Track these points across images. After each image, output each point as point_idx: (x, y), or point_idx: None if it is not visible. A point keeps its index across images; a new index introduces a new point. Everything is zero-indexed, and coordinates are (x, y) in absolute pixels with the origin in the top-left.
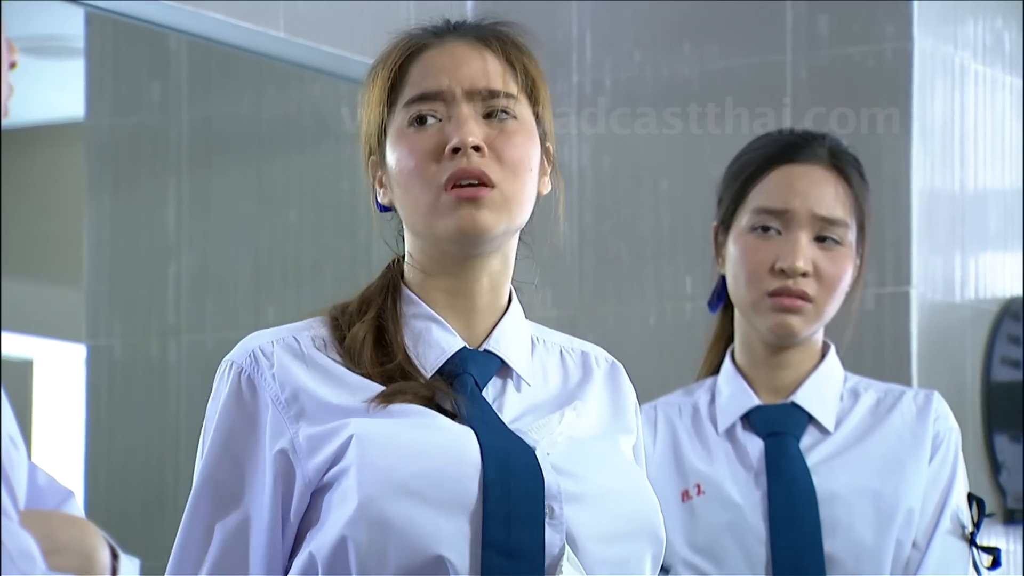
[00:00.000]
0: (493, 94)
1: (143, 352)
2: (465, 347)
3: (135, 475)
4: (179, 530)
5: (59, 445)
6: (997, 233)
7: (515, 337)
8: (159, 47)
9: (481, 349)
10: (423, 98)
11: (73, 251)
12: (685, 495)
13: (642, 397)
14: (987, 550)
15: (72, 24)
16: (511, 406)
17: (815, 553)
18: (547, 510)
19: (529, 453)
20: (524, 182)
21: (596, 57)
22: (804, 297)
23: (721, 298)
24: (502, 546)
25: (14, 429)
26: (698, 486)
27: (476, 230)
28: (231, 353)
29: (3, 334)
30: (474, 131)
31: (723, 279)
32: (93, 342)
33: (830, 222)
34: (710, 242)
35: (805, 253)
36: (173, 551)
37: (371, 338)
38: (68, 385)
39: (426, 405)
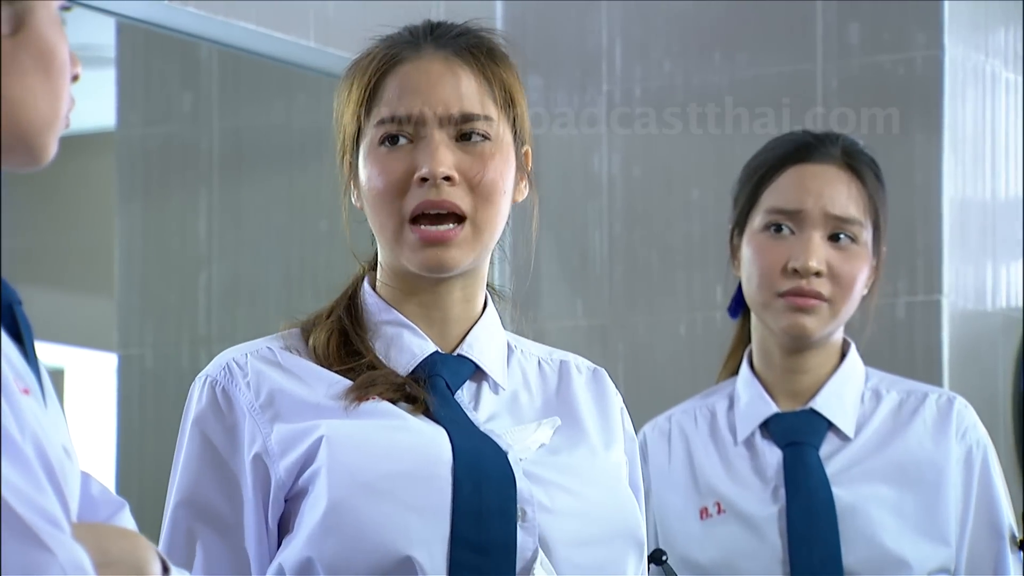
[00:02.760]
0: (468, 118)
1: (174, 361)
2: (437, 351)
3: (166, 484)
4: (159, 546)
5: (90, 454)
6: None
7: (489, 342)
8: (190, 57)
9: (454, 354)
10: (395, 119)
11: (104, 260)
12: (704, 512)
13: (671, 406)
14: None
15: (103, 34)
16: (486, 407)
17: (834, 568)
18: (519, 512)
19: (501, 455)
20: (498, 206)
21: (626, 66)
22: (818, 297)
23: (740, 303)
24: (472, 542)
25: (68, 439)
26: (718, 504)
27: (443, 268)
28: (205, 369)
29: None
30: (445, 160)
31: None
32: (124, 351)
33: (844, 221)
34: (726, 245)
35: (818, 253)
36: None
37: (335, 338)
38: (99, 394)
39: (399, 399)
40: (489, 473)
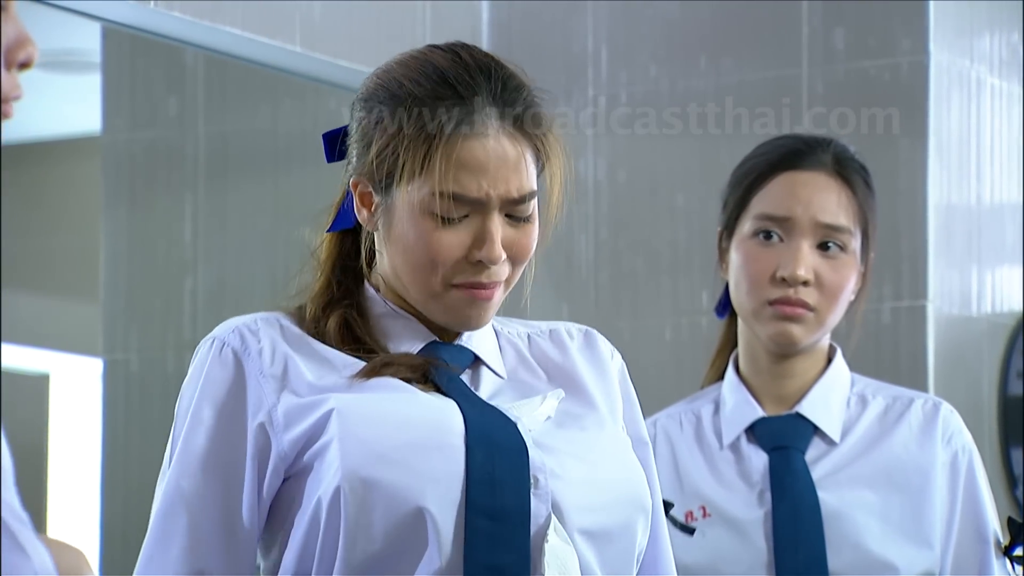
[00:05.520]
0: (523, 199)
1: (159, 366)
2: (437, 340)
3: (152, 489)
4: (157, 504)
5: (76, 459)
6: (1014, 246)
7: (484, 335)
8: (176, 62)
9: (454, 344)
10: (456, 198)
11: (89, 265)
12: (689, 516)
13: (656, 410)
14: (1019, 560)
15: (89, 39)
16: (487, 388)
17: (819, 572)
18: (532, 480)
19: (511, 425)
20: (523, 268)
21: (612, 71)
22: (805, 306)
23: (727, 304)
24: (487, 509)
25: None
26: (703, 509)
27: (475, 327)
28: (212, 333)
29: (19, 348)
30: (501, 248)
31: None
32: (110, 356)
33: (833, 229)
34: (713, 249)
35: (807, 261)
36: (151, 528)
37: (344, 325)
38: (85, 399)
39: (414, 379)
40: (500, 443)
